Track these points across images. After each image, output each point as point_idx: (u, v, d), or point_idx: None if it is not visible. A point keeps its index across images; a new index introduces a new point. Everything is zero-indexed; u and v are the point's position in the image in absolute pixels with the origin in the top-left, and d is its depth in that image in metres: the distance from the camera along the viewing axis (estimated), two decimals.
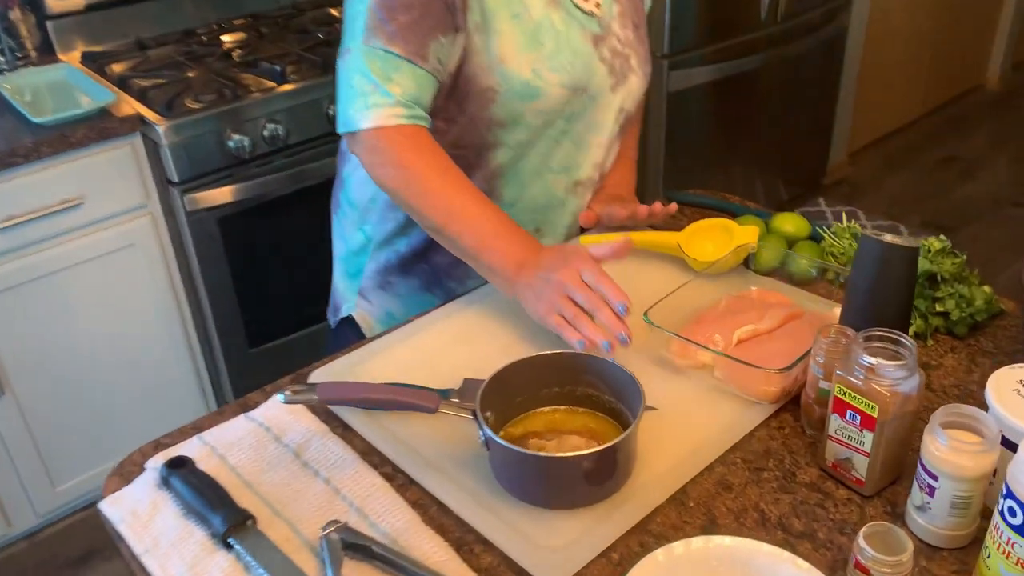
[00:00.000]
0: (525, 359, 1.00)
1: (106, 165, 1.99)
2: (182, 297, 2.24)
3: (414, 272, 1.38)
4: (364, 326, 1.44)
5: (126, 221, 2.08)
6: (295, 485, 0.97)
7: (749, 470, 0.98)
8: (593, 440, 0.98)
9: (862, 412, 0.89)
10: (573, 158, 1.32)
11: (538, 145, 1.26)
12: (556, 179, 1.32)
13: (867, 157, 4.00)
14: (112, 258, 2.09)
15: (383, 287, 1.41)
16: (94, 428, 2.21)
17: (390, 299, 1.41)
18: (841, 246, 1.28)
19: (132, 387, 2.24)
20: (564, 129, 1.27)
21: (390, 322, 1.41)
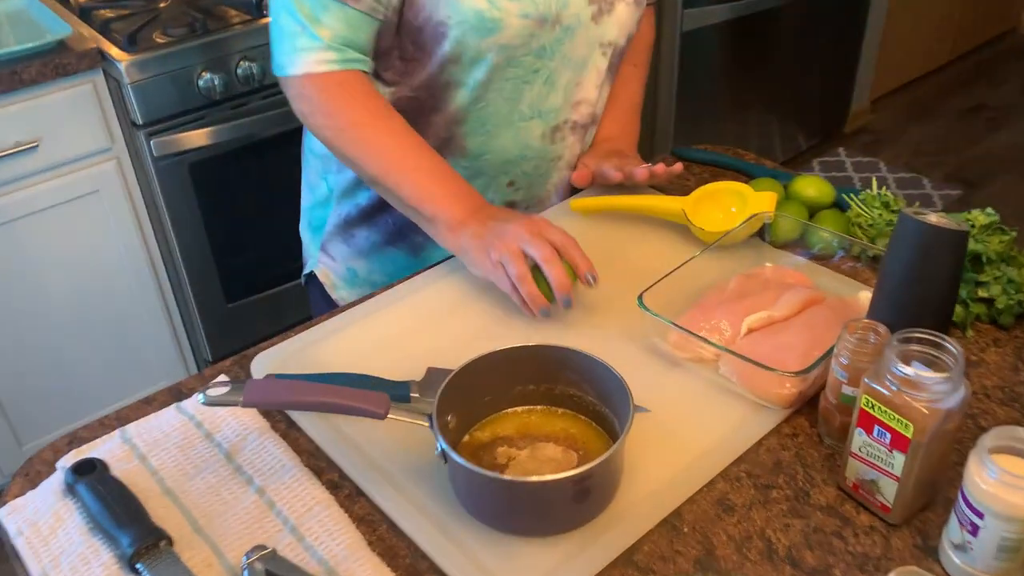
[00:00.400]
0: (496, 352, 0.85)
1: (64, 105, 1.82)
2: (153, 248, 2.09)
3: (376, 224, 1.24)
4: (326, 283, 1.32)
5: (88, 166, 1.92)
6: (223, 495, 0.83)
7: (755, 487, 0.83)
8: (572, 449, 0.84)
9: (893, 430, 0.74)
10: (547, 100, 1.15)
11: (502, 86, 1.11)
12: (528, 126, 1.16)
13: (891, 104, 3.79)
14: (75, 205, 1.94)
15: (345, 241, 1.28)
16: (62, 385, 2.09)
17: (352, 254, 1.28)
18: (870, 216, 1.11)
19: (102, 343, 2.11)
20: (534, 67, 1.11)
21: (353, 280, 1.29)
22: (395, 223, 1.22)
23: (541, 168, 1.21)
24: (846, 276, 1.06)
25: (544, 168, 1.22)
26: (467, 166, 1.17)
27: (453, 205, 1.04)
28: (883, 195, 1.12)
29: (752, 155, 1.35)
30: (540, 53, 1.10)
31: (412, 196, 1.05)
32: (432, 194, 1.05)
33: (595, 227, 1.18)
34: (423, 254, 1.23)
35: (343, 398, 0.77)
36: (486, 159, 1.17)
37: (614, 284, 1.06)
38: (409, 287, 1.09)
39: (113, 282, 2.06)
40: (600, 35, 1.14)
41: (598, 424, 0.86)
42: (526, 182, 1.22)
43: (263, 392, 0.77)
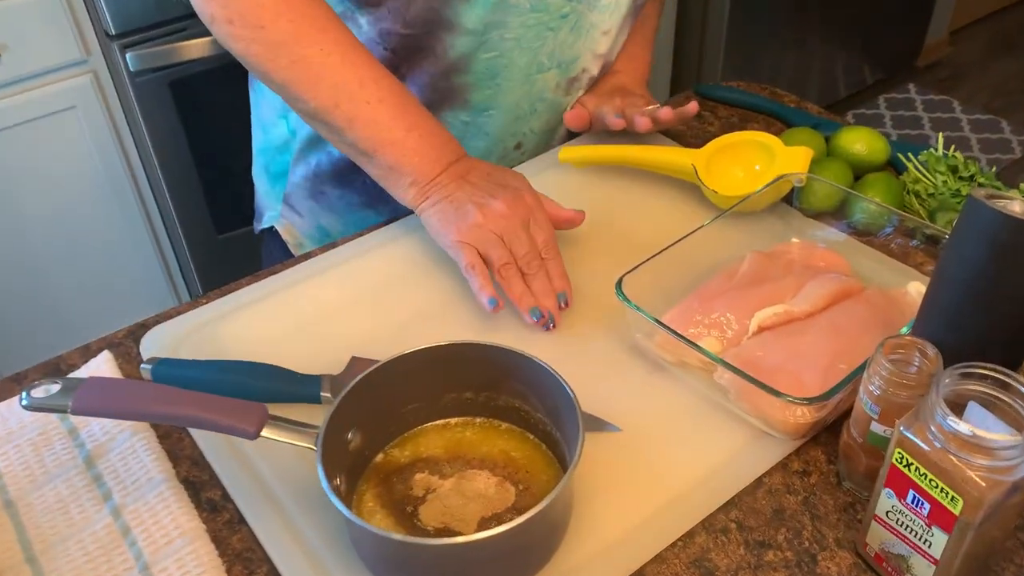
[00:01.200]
0: (422, 350, 0.66)
1: (28, 10, 1.64)
2: (139, 172, 1.93)
3: (351, 185, 1.03)
4: (290, 240, 1.11)
5: (61, 80, 1.74)
6: (72, 513, 0.66)
7: (747, 545, 0.64)
8: (509, 482, 0.65)
9: (935, 501, 0.54)
10: (573, 49, 0.95)
11: (525, 35, 0.90)
12: (545, 77, 0.96)
13: (971, 36, 3.41)
14: (48, 122, 1.77)
15: (313, 196, 1.06)
16: (43, 319, 1.96)
17: (323, 211, 1.07)
18: (931, 183, 0.88)
19: (84, 272, 1.97)
20: (564, 11, 0.90)
21: (323, 238, 1.08)
22: (374, 184, 1.01)
23: (552, 123, 1.02)
24: (894, 259, 0.84)
25: (554, 122, 1.02)
26: (468, 122, 0.96)
27: (422, 155, 0.83)
28: (951, 156, 0.89)
29: (793, 97, 1.11)
30: None
31: (368, 138, 0.83)
32: (395, 138, 0.83)
33: (586, 184, 0.97)
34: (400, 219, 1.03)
35: (202, 410, 0.59)
36: (491, 115, 0.96)
37: (600, 261, 0.86)
38: (347, 252, 0.90)
39: (94, 209, 1.91)
40: None
41: (548, 447, 0.67)
42: (534, 143, 1.03)
43: (98, 398, 0.59)
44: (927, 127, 2.95)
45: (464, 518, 0.62)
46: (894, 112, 3.02)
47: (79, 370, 0.78)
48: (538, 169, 0.97)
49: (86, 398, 0.59)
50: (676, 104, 0.99)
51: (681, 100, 1.11)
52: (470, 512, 0.62)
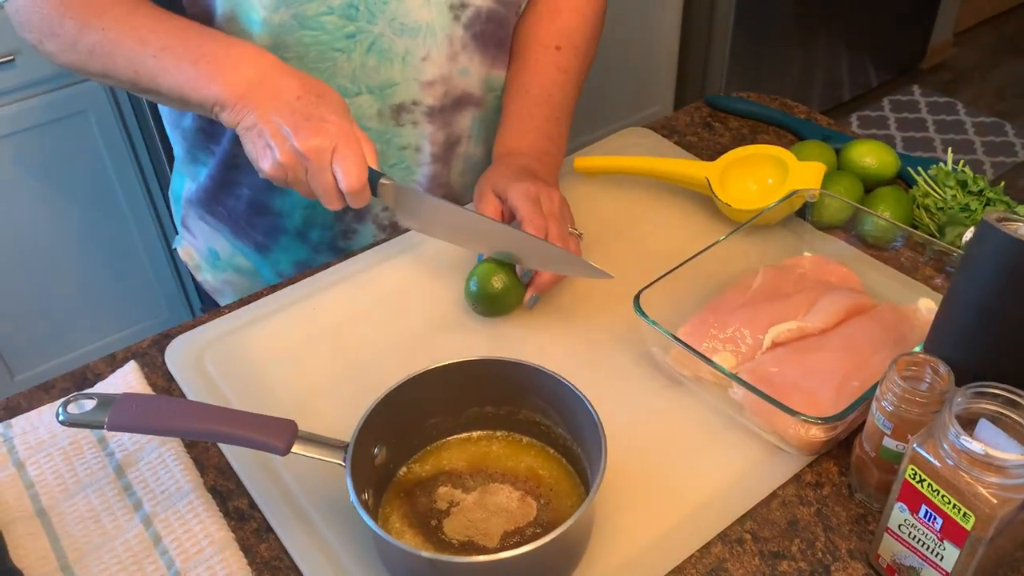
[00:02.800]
0: (446, 365, 0.67)
1: None
2: (149, 175, 1.94)
3: (216, 213, 1.02)
4: (189, 263, 1.10)
5: (74, 83, 1.75)
6: (104, 522, 0.68)
7: (762, 556, 0.65)
8: (531, 496, 0.66)
9: (947, 516, 0.56)
10: (379, 74, 0.90)
11: (303, 52, 0.86)
12: (358, 102, 0.91)
13: (976, 38, 3.42)
14: (60, 127, 1.78)
15: (201, 217, 1.05)
16: (55, 317, 1.98)
17: (211, 232, 1.05)
18: (941, 197, 0.90)
19: (97, 274, 1.98)
20: (344, 30, 0.86)
21: (215, 262, 1.07)
22: (231, 214, 1.00)
23: (389, 156, 0.96)
24: (904, 273, 0.86)
25: (394, 157, 0.96)
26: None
27: (218, 81, 0.78)
28: (960, 171, 0.91)
29: (803, 108, 1.13)
30: (349, 14, 0.85)
31: (171, 88, 0.80)
32: (189, 76, 0.79)
33: (599, 194, 0.98)
34: (272, 250, 1.01)
35: (233, 426, 0.61)
36: None
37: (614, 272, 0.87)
38: (364, 261, 0.91)
39: (106, 211, 1.92)
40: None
41: (569, 462, 0.69)
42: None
43: (133, 414, 0.61)
44: (931, 129, 2.97)
45: (487, 532, 0.64)
46: (898, 114, 3.03)
47: (106, 380, 0.80)
48: None
49: (121, 414, 0.60)
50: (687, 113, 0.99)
51: (691, 111, 1.13)
52: (493, 526, 0.64)
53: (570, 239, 0.82)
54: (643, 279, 0.77)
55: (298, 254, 1.00)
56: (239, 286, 1.07)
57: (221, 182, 0.98)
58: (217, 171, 0.98)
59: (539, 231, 0.80)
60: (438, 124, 0.95)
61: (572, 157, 1.00)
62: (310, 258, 1.01)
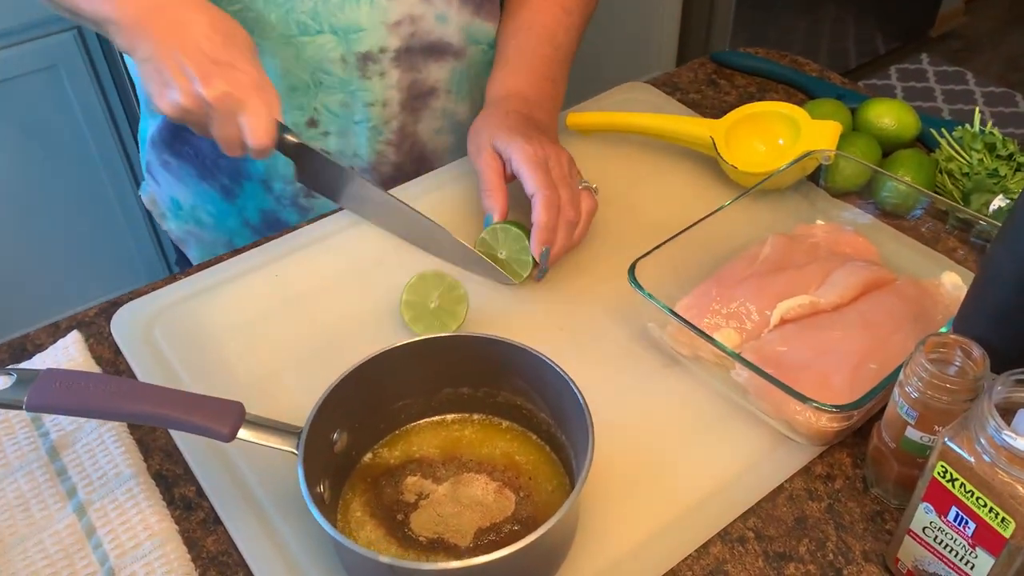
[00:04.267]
0: (417, 342, 0.60)
1: None
2: (125, 132, 1.85)
3: (180, 154, 0.95)
4: (154, 212, 1.04)
5: (44, 36, 1.66)
6: (33, 511, 0.61)
7: (766, 557, 0.59)
8: (509, 488, 0.59)
9: (982, 521, 0.49)
10: (343, 12, 0.82)
11: None
12: (318, 42, 0.83)
13: (988, 6, 3.32)
14: (29, 81, 1.69)
15: (163, 165, 0.98)
16: (23, 284, 1.90)
17: (173, 182, 0.98)
18: (966, 162, 0.82)
19: (72, 236, 1.90)
20: None
21: (177, 211, 1.00)
22: (197, 153, 0.94)
23: (355, 111, 0.88)
24: (925, 245, 0.78)
25: (360, 113, 0.88)
26: None
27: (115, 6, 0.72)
28: (987, 133, 0.83)
29: (815, 66, 1.04)
30: None
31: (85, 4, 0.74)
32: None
33: (593, 155, 0.90)
34: (238, 194, 0.95)
35: (171, 408, 0.53)
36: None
37: (608, 241, 0.80)
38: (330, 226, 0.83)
39: (77, 171, 1.84)
40: None
41: (552, 450, 0.62)
42: (337, 125, 0.89)
43: (57, 393, 0.53)
44: (939, 100, 2.88)
45: (459, 528, 0.57)
46: (905, 83, 2.94)
47: (44, 352, 0.72)
48: None
49: (43, 393, 0.53)
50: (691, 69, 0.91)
51: (696, 67, 1.04)
52: (466, 522, 0.57)
53: (585, 196, 0.76)
54: (640, 249, 0.69)
55: (263, 202, 0.93)
56: (201, 239, 1.00)
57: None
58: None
59: (552, 206, 0.73)
60: (404, 67, 0.86)
61: (564, 113, 0.92)
62: (275, 209, 0.94)
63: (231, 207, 0.95)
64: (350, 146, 0.89)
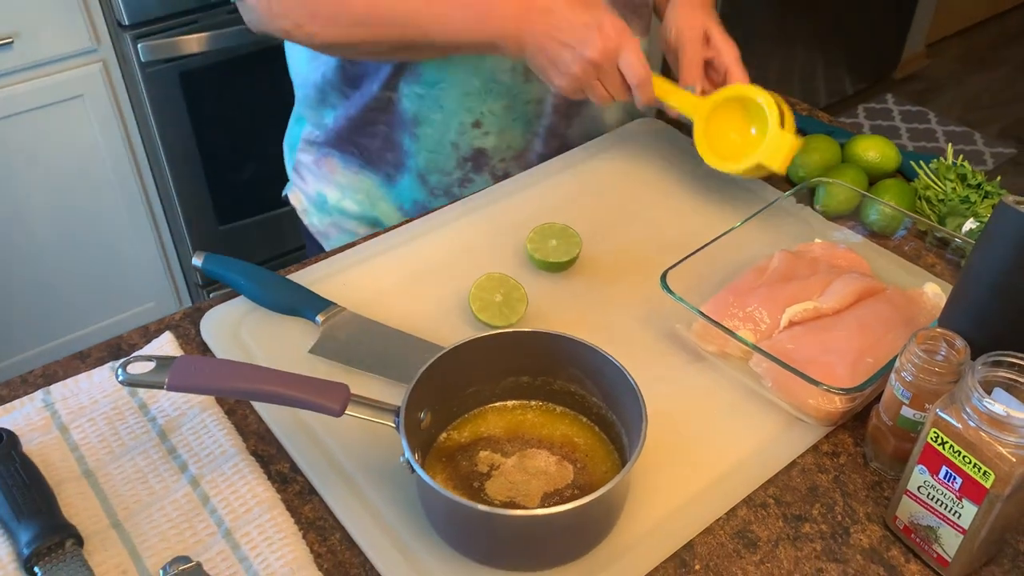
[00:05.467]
0: (484, 337, 0.70)
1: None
2: (142, 161, 1.94)
3: (343, 150, 1.08)
4: (297, 207, 1.17)
5: (71, 67, 1.76)
6: (151, 483, 0.70)
7: (785, 519, 0.69)
8: (566, 461, 0.70)
9: (967, 475, 0.60)
10: None
11: None
12: (497, 57, 0.96)
13: (947, 50, 3.53)
14: (56, 110, 1.78)
15: (316, 162, 1.11)
16: (41, 303, 1.97)
17: (322, 177, 1.11)
18: (942, 189, 0.95)
19: (85, 260, 1.98)
20: None
21: (322, 206, 1.13)
22: (364, 150, 1.06)
23: (515, 110, 1.01)
24: (908, 260, 0.90)
25: (519, 111, 1.01)
26: (422, 94, 0.99)
27: (493, 18, 0.86)
28: (959, 165, 0.96)
29: (805, 105, 1.17)
30: None
31: (448, 36, 0.88)
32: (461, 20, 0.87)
33: (613, 183, 1.01)
34: (397, 183, 1.06)
35: (291, 388, 0.63)
36: (443, 88, 0.98)
37: (634, 247, 0.91)
38: (399, 236, 0.94)
39: (97, 197, 1.92)
40: None
41: (602, 429, 0.72)
42: (497, 126, 1.02)
43: (191, 374, 0.63)
44: (904, 137, 3.05)
45: (528, 493, 0.67)
46: (872, 122, 3.11)
47: (142, 350, 0.81)
48: None
49: (180, 375, 0.62)
50: None
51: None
52: (533, 488, 0.67)
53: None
54: (658, 265, 0.80)
55: (417, 195, 1.05)
56: (345, 228, 1.11)
57: (361, 122, 1.03)
58: (358, 113, 1.02)
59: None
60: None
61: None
62: (427, 201, 1.06)
63: (390, 192, 1.07)
64: (505, 140, 1.02)
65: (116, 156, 1.89)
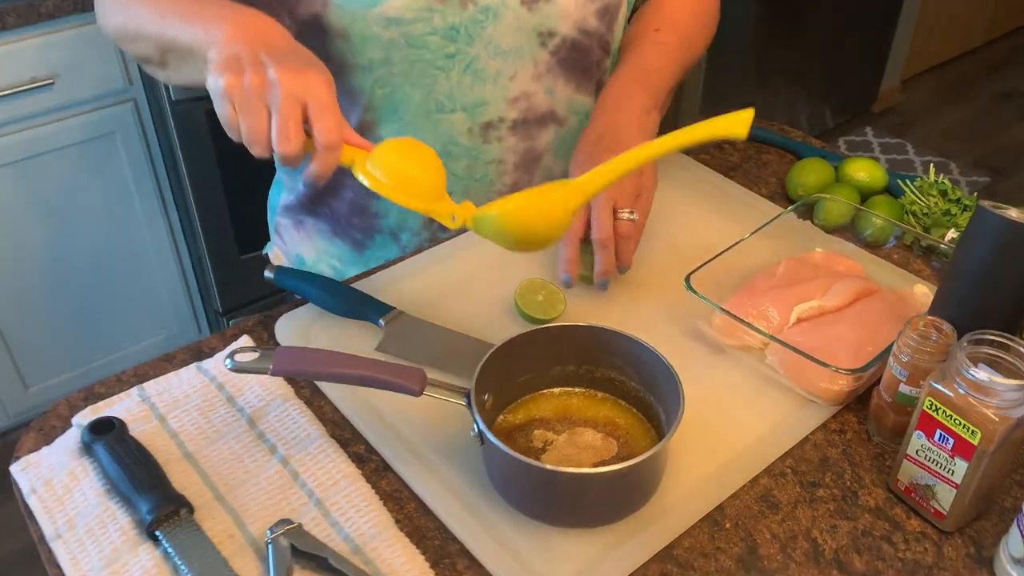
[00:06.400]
0: (537, 330, 0.81)
1: (81, 42, 1.76)
2: (168, 195, 2.04)
3: (317, 214, 1.14)
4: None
5: (105, 106, 1.86)
6: (246, 463, 0.80)
7: (801, 485, 0.79)
8: (611, 437, 0.80)
9: (958, 436, 0.70)
10: (472, 92, 1.00)
11: (408, 69, 0.97)
12: (451, 119, 1.02)
13: (921, 85, 3.70)
14: (89, 147, 1.89)
15: (294, 225, 1.17)
16: (70, 330, 2.06)
17: (300, 240, 1.18)
18: (925, 204, 1.06)
19: (111, 289, 2.07)
20: (445, 51, 0.97)
21: (302, 267, 1.18)
22: (335, 213, 1.12)
23: (477, 171, 1.06)
24: (897, 266, 1.02)
25: (481, 171, 1.06)
26: None
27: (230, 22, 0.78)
28: (940, 183, 1.08)
29: (799, 133, 1.29)
30: (450, 35, 0.96)
31: (183, 34, 0.81)
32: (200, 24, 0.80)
33: None
34: (367, 249, 1.12)
35: (377, 372, 0.73)
36: None
37: (653, 265, 1.02)
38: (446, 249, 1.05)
39: (124, 228, 2.02)
40: (536, 23, 0.99)
41: (639, 410, 0.82)
42: (460, 186, 1.06)
43: (293, 361, 0.73)
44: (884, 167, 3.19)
45: (580, 463, 0.77)
46: (853, 153, 3.26)
47: (222, 352, 0.91)
48: None
49: (283, 362, 0.72)
50: None
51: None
52: (585, 459, 0.77)
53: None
54: (675, 270, 0.92)
55: (389, 253, 1.11)
56: None
57: (329, 185, 1.08)
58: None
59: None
60: (520, 136, 1.05)
61: None
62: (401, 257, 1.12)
63: (359, 258, 1.13)
64: (469, 199, 1.05)
65: (144, 189, 1.99)
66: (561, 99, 1.07)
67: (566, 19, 1.01)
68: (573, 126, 1.10)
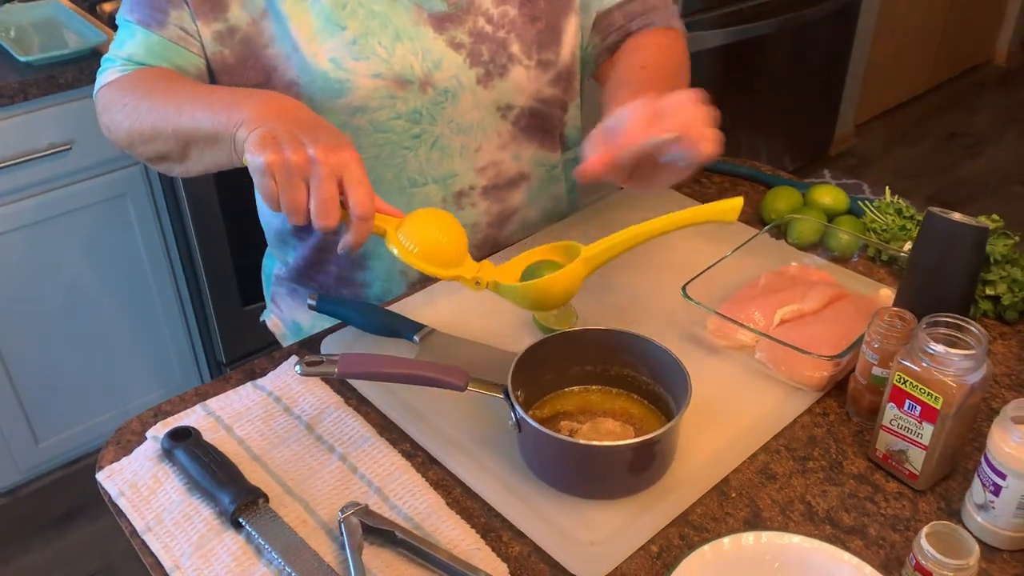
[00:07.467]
0: (557, 334, 0.93)
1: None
2: (173, 251, 2.15)
3: (310, 288, 1.24)
4: (276, 333, 1.32)
5: (118, 169, 1.97)
6: (309, 461, 0.90)
7: (794, 459, 0.92)
8: (628, 424, 0.92)
9: (923, 403, 0.83)
10: (441, 166, 1.09)
11: (377, 152, 1.05)
12: (425, 191, 1.10)
13: (873, 129, 3.93)
14: (101, 208, 1.99)
15: (289, 293, 1.26)
16: (80, 384, 2.13)
17: (297, 308, 1.27)
18: (884, 221, 1.21)
19: (120, 344, 2.15)
20: (411, 132, 1.05)
21: (297, 332, 1.28)
22: (322, 286, 1.20)
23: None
24: (863, 275, 1.16)
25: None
26: None
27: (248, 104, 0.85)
28: (896, 202, 1.22)
29: (768, 167, 1.44)
30: (414, 118, 1.04)
31: (206, 121, 0.87)
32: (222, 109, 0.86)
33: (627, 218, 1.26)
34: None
35: (427, 370, 0.85)
36: None
37: (650, 280, 1.14)
38: None
39: (133, 285, 2.11)
40: (494, 99, 1.07)
41: (651, 403, 0.94)
42: None
43: (355, 364, 0.84)
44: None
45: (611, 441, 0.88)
46: None
47: (274, 371, 1.02)
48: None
49: (347, 365, 0.84)
50: None
51: None
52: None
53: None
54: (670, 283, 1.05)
55: None
56: None
57: (312, 262, 1.19)
58: (310, 253, 1.17)
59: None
60: (492, 199, 1.13)
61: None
62: None
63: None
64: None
65: (151, 248, 2.09)
66: (528, 159, 1.15)
67: (521, 93, 1.09)
68: (543, 176, 1.19)
